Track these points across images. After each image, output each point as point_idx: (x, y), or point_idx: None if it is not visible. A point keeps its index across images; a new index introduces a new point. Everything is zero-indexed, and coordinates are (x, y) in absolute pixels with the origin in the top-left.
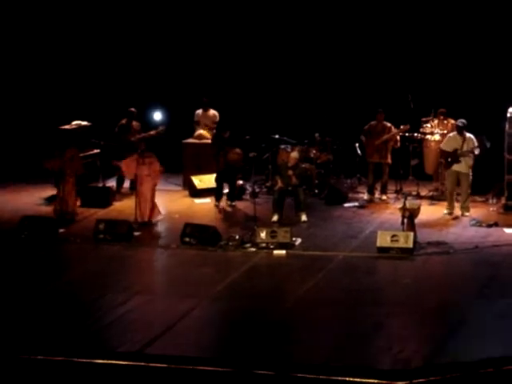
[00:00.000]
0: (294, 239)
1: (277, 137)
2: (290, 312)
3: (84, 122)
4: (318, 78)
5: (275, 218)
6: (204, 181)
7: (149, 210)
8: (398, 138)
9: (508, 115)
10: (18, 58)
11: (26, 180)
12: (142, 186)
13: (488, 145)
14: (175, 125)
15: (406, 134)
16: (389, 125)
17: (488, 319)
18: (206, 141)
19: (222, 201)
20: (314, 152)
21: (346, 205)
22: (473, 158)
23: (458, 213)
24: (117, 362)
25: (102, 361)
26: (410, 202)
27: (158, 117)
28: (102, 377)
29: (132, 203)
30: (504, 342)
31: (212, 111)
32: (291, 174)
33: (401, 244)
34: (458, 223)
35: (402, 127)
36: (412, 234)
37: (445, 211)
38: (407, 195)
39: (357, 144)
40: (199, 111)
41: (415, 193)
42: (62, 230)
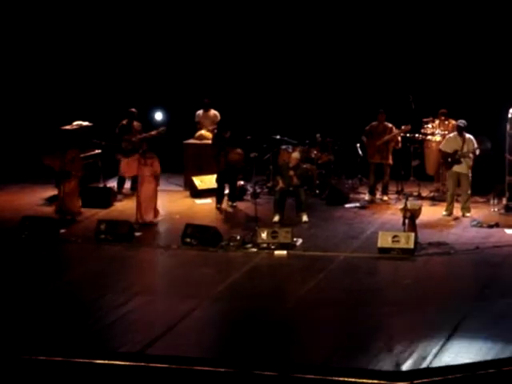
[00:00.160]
0: (295, 240)
1: (278, 137)
2: (291, 312)
3: (85, 123)
4: (319, 79)
5: (276, 218)
6: (205, 181)
7: (150, 210)
8: (399, 138)
9: (509, 116)
10: (19, 58)
11: (27, 180)
12: (143, 187)
13: (489, 145)
14: (176, 125)
15: (407, 135)
16: (390, 125)
17: (489, 320)
18: (207, 141)
19: (223, 202)
20: (315, 152)
21: (347, 205)
22: (472, 159)
23: (459, 214)
24: (118, 362)
25: (102, 361)
26: (411, 203)
27: (160, 117)
28: (103, 377)
29: (133, 204)
30: (504, 343)
31: (213, 111)
32: (292, 175)
33: (402, 245)
34: (458, 224)
35: (403, 128)
36: (413, 234)
37: (443, 212)
38: (408, 196)
39: (358, 144)
40: (200, 112)
41: (416, 193)
42: (63, 231)
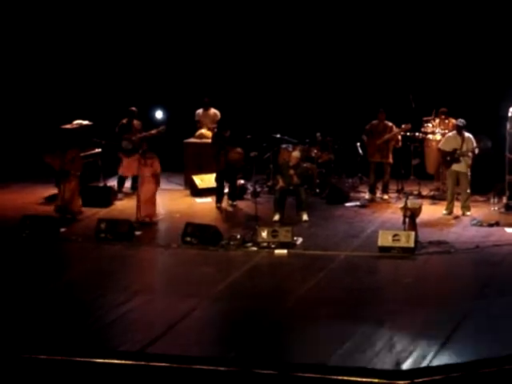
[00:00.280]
0: (295, 239)
1: (278, 136)
2: (291, 311)
3: (85, 122)
4: (319, 78)
5: (276, 217)
6: (205, 180)
7: (150, 209)
8: (400, 137)
9: (509, 115)
10: (19, 58)
11: (29, 179)
12: (143, 186)
13: (489, 144)
14: (176, 124)
15: (408, 134)
16: (390, 124)
17: (489, 318)
18: (207, 140)
19: (223, 201)
20: (316, 151)
21: (348, 204)
22: (471, 158)
23: (459, 212)
24: (118, 361)
25: (102, 360)
26: (412, 202)
27: (160, 115)
28: (103, 376)
29: (133, 203)
30: (505, 342)
31: (213, 110)
32: (292, 174)
33: (402, 243)
34: (459, 223)
35: (403, 126)
36: (413, 233)
37: (444, 211)
38: (408, 195)
39: (358, 143)
40: (200, 111)
41: (416, 192)
42: (63, 230)
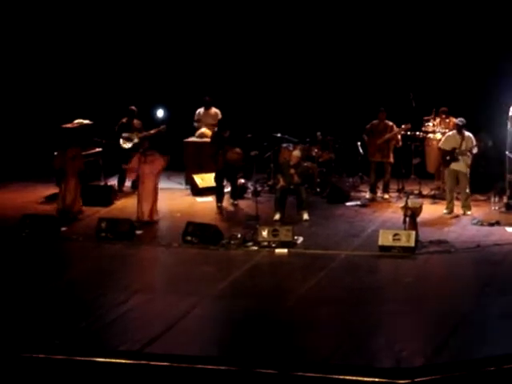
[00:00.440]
0: (295, 238)
1: (279, 135)
2: (292, 311)
3: (86, 121)
4: (320, 77)
5: (277, 216)
6: (206, 179)
7: (150, 208)
8: (400, 137)
9: (510, 114)
10: (19, 57)
11: (28, 178)
12: (143, 185)
13: (490, 143)
14: (177, 123)
15: (408, 133)
16: (391, 124)
17: (489, 318)
18: (208, 139)
19: (223, 201)
20: (316, 151)
21: (348, 203)
22: (471, 157)
23: (460, 212)
24: (118, 360)
25: (102, 359)
26: (412, 201)
27: (161, 114)
28: (103, 375)
29: (134, 202)
30: (505, 341)
31: (214, 110)
32: (293, 173)
33: (403, 243)
34: (459, 222)
35: (403, 126)
36: (414, 232)
37: (444, 210)
38: (409, 194)
39: (359, 143)
40: (201, 110)
41: (417, 191)
42: (63, 229)
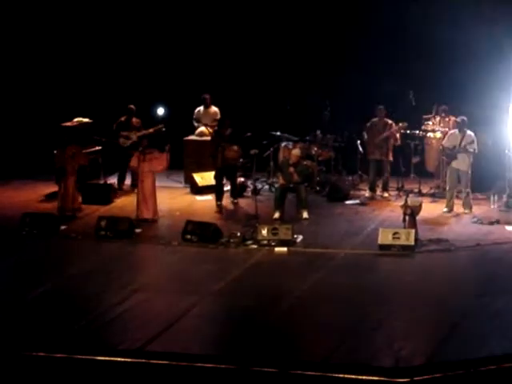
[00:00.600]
0: (295, 236)
1: (278, 134)
2: (291, 309)
3: (85, 119)
4: (320, 76)
5: (277, 215)
6: (205, 178)
7: (150, 207)
8: (398, 135)
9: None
10: (19, 56)
11: (28, 177)
12: (143, 183)
13: (490, 142)
14: (176, 122)
15: (408, 132)
16: (390, 122)
17: (489, 316)
18: (208, 138)
19: (223, 199)
20: (316, 149)
21: (348, 202)
22: (471, 156)
23: (459, 210)
24: (118, 359)
25: (102, 358)
26: (412, 200)
27: (162, 112)
28: (104, 374)
29: (133, 200)
30: (505, 339)
31: (213, 108)
32: (293, 171)
33: (402, 241)
34: (459, 221)
35: (400, 125)
36: (413, 231)
37: (444, 209)
38: (409, 192)
39: (358, 141)
40: (200, 108)
41: (417, 190)
42: (63, 227)
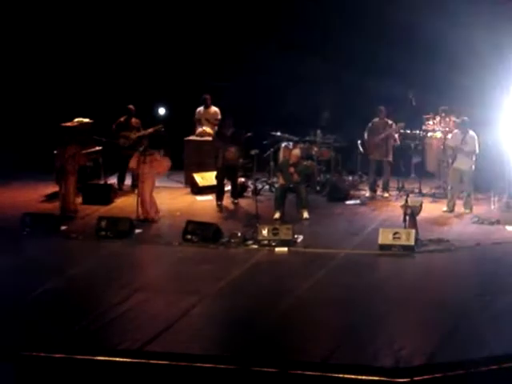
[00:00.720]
0: (295, 236)
1: (278, 134)
2: (292, 309)
3: (86, 119)
4: (319, 77)
5: (277, 215)
6: (206, 178)
7: (150, 207)
8: (397, 135)
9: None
10: (19, 56)
11: (29, 177)
12: (143, 184)
13: (490, 142)
14: (177, 122)
15: (408, 132)
16: (390, 122)
17: (489, 316)
18: (208, 138)
19: (223, 199)
20: (316, 149)
21: (348, 202)
22: (472, 156)
23: (460, 210)
24: (118, 359)
25: (102, 358)
26: (412, 200)
27: (163, 112)
28: (103, 374)
29: (133, 200)
30: (505, 340)
31: (213, 108)
32: (293, 172)
33: (402, 241)
34: (459, 221)
35: (399, 125)
36: (414, 231)
37: (444, 208)
38: (409, 192)
39: (358, 141)
40: (200, 109)
41: (417, 190)
42: (63, 227)
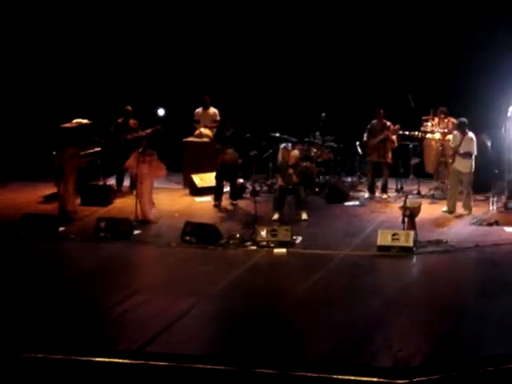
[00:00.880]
0: (294, 238)
1: (277, 135)
2: (290, 310)
3: (85, 121)
4: (319, 77)
5: (276, 216)
6: (205, 179)
7: (149, 208)
8: (395, 137)
9: (509, 114)
10: (18, 57)
11: (28, 178)
12: (142, 185)
13: (489, 144)
14: (175, 123)
15: (407, 133)
16: (388, 123)
17: (488, 317)
18: (207, 139)
19: (221, 200)
20: (315, 150)
21: (347, 203)
22: (470, 157)
23: (459, 211)
24: (116, 360)
25: (101, 359)
26: (411, 201)
27: (162, 112)
28: (102, 375)
29: (132, 201)
30: (504, 341)
31: (212, 109)
32: (292, 173)
33: (401, 243)
34: (458, 222)
35: (396, 127)
36: (412, 232)
37: (443, 208)
38: (408, 194)
39: (357, 143)
40: (199, 110)
41: (416, 191)
42: (62, 228)
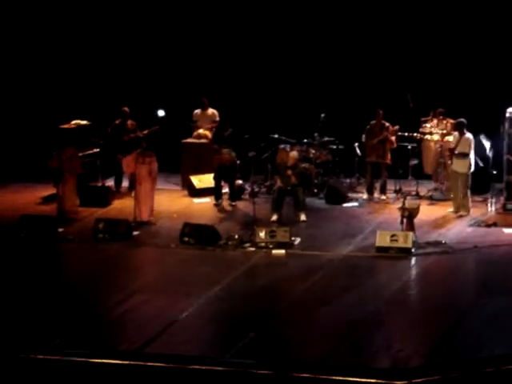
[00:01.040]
0: (293, 239)
1: (276, 136)
2: (289, 311)
3: (83, 122)
4: (318, 78)
5: (274, 217)
6: (203, 181)
7: (148, 209)
8: (394, 138)
9: (507, 115)
10: (18, 58)
11: (27, 179)
12: (141, 186)
13: (487, 145)
14: (174, 124)
15: (405, 134)
16: (387, 124)
17: (486, 318)
18: (205, 140)
19: (222, 199)
20: (314, 152)
21: (346, 205)
22: (468, 158)
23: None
24: (115, 361)
25: (100, 360)
26: (410, 202)
27: (162, 113)
28: (101, 376)
29: (131, 203)
30: (503, 341)
31: (211, 110)
32: (290, 174)
33: (400, 244)
34: (457, 223)
35: (395, 128)
36: (411, 233)
37: (449, 209)
38: (406, 195)
39: (356, 144)
40: (198, 111)
41: (414, 193)
42: (61, 230)
